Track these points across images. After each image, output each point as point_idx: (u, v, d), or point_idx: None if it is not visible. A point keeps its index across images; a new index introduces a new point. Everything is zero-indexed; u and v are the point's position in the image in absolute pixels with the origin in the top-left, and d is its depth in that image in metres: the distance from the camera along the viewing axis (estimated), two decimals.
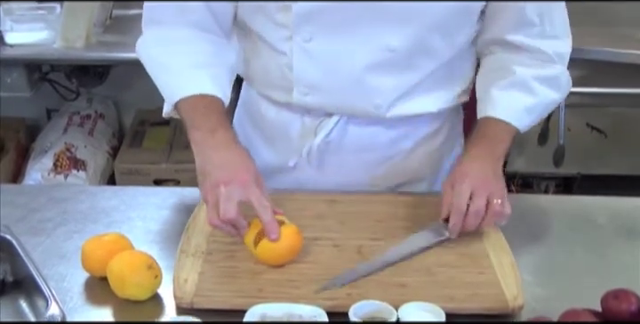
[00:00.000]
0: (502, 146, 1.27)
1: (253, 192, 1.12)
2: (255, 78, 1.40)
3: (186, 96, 1.24)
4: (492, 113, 1.29)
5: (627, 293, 0.99)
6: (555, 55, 1.32)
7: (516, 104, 1.29)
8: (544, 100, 1.32)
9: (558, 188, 2.76)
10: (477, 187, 1.18)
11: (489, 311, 1.06)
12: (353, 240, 1.21)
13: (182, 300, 1.06)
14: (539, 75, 1.31)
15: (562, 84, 1.34)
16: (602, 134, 2.60)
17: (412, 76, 1.30)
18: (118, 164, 2.68)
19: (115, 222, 1.31)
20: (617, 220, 1.37)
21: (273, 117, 1.41)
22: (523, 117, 1.30)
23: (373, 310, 1.03)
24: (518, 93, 1.30)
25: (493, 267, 1.15)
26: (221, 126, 1.21)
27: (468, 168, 1.22)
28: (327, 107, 1.34)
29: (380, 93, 1.30)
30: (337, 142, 1.38)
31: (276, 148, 1.44)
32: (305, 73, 1.30)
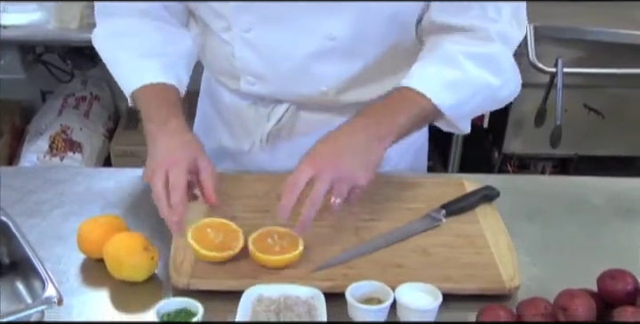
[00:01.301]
0: (392, 126, 1.12)
1: (174, 172, 1.08)
2: (208, 64, 1.40)
3: (137, 87, 1.23)
4: (404, 82, 1.16)
5: (623, 273, 1.00)
6: (495, 34, 1.19)
7: (434, 76, 1.16)
8: (472, 79, 1.18)
9: (555, 169, 2.76)
10: (322, 171, 1.06)
11: (485, 291, 1.07)
12: (349, 222, 1.21)
13: (178, 281, 1.06)
14: (469, 51, 1.18)
15: (500, 65, 1.21)
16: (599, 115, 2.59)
17: (356, 62, 1.28)
18: (114, 146, 2.68)
19: (111, 204, 1.31)
20: (613, 200, 1.38)
21: (228, 103, 1.42)
22: (441, 90, 1.15)
23: (370, 290, 1.03)
24: (443, 66, 1.17)
25: (490, 247, 1.15)
26: (173, 117, 1.19)
27: (329, 145, 1.10)
28: (274, 95, 1.33)
29: (326, 80, 1.28)
30: (289, 129, 1.38)
31: (233, 132, 1.45)
32: (248, 63, 1.29)
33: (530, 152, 2.67)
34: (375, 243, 1.15)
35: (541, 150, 2.62)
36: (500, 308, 0.97)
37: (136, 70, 1.27)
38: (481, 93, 1.20)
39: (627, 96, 2.58)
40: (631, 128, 2.62)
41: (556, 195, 1.40)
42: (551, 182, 1.55)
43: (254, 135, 1.40)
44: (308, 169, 1.06)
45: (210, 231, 1.11)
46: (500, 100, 1.27)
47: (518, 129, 2.59)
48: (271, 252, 1.08)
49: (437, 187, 1.32)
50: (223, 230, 1.13)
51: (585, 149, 2.67)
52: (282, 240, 1.10)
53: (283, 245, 1.09)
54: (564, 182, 1.51)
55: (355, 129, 1.12)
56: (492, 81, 1.19)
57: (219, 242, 1.10)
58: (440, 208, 1.23)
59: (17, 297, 1.05)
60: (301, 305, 1.00)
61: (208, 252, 1.08)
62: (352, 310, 1.01)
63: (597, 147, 2.66)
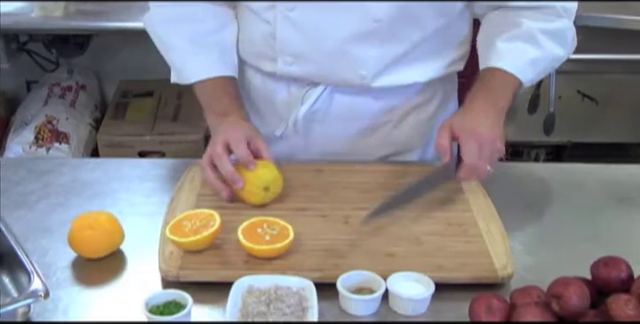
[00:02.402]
0: (505, 97, 1.26)
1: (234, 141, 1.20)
2: (242, 47, 1.40)
3: (197, 80, 1.32)
4: (495, 64, 1.27)
5: (617, 260, 1.00)
6: (562, 9, 1.30)
7: (520, 56, 1.27)
8: (549, 54, 1.30)
9: (549, 156, 2.77)
10: (483, 147, 1.18)
11: (478, 280, 1.07)
12: (339, 211, 1.21)
13: (168, 273, 1.06)
14: (545, 28, 1.29)
15: (567, 39, 1.32)
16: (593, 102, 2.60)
17: (397, 46, 1.29)
18: (101, 136, 2.67)
19: (98, 195, 1.30)
20: (607, 187, 1.38)
21: (259, 86, 1.41)
22: (527, 69, 1.28)
23: (361, 280, 1.03)
24: (524, 45, 1.28)
25: (482, 236, 1.15)
26: (233, 109, 1.30)
27: (477, 124, 1.21)
28: (312, 77, 1.34)
29: (365, 63, 1.29)
30: (323, 111, 1.37)
31: (264, 117, 1.44)
32: (288, 42, 1.29)
33: (523, 139, 2.67)
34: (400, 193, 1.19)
35: (535, 138, 2.63)
36: (492, 296, 0.97)
37: (194, 61, 1.34)
38: (552, 64, 1.34)
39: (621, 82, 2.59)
40: (625, 114, 2.63)
41: (550, 182, 1.40)
42: (544, 169, 1.55)
43: (287, 120, 1.40)
44: (475, 146, 1.18)
45: (186, 223, 1.11)
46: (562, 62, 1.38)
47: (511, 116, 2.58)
48: (261, 242, 1.08)
49: None
50: (198, 218, 1.13)
51: (579, 135, 2.68)
52: (272, 230, 1.10)
53: (273, 234, 1.09)
54: (557, 170, 1.51)
55: (485, 109, 1.23)
56: (560, 54, 1.32)
57: (195, 228, 1.10)
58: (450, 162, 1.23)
59: (2, 291, 1.05)
60: (292, 296, 1.00)
61: (186, 238, 1.08)
62: (343, 300, 1.01)
63: (591, 133, 2.67)
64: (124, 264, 1.12)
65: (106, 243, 1.12)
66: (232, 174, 1.19)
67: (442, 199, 1.25)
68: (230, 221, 1.13)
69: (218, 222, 1.11)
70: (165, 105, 2.82)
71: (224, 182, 1.21)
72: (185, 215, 1.14)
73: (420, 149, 1.46)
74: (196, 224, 1.11)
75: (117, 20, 2.35)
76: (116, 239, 1.13)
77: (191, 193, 1.25)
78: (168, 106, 2.81)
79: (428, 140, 1.46)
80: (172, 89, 2.88)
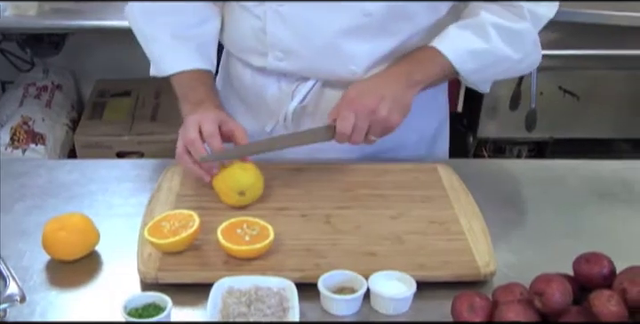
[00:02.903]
0: (424, 72, 1.26)
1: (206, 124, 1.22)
2: (231, 42, 1.41)
3: (174, 72, 1.34)
4: (434, 43, 1.27)
5: (599, 256, 1.01)
6: (528, 12, 1.28)
7: (462, 42, 1.27)
8: (496, 51, 1.28)
9: (531, 152, 2.78)
10: (360, 118, 1.21)
11: (460, 278, 1.07)
12: (320, 210, 1.21)
13: (146, 275, 1.06)
14: (500, 24, 1.27)
15: (524, 43, 1.30)
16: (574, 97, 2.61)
17: (388, 41, 1.29)
18: (78, 137, 2.64)
19: (75, 197, 1.29)
20: (589, 183, 1.39)
21: (249, 82, 1.42)
22: (465, 57, 1.27)
23: (343, 280, 1.03)
24: (470, 34, 1.27)
25: (464, 234, 1.15)
26: (207, 98, 1.31)
27: (361, 92, 1.23)
28: (302, 72, 1.34)
29: (356, 58, 1.30)
30: (313, 107, 1.38)
31: (254, 113, 1.44)
32: (279, 37, 1.30)
33: (505, 136, 2.68)
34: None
35: (517, 134, 2.63)
36: (475, 294, 0.97)
37: (172, 53, 1.35)
38: (500, 63, 1.31)
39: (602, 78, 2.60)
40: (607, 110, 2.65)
41: (532, 179, 1.41)
42: (527, 165, 1.56)
43: (277, 115, 1.40)
44: (351, 116, 1.21)
45: (165, 224, 1.11)
46: (519, 70, 1.39)
47: (493, 113, 2.60)
48: (241, 242, 1.08)
49: (409, 173, 1.32)
50: (177, 218, 1.12)
51: (561, 131, 2.69)
52: (252, 230, 1.10)
53: (253, 235, 1.09)
54: (539, 166, 1.52)
55: (391, 75, 1.26)
56: (512, 55, 1.29)
57: (174, 229, 1.09)
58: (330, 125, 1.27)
59: None
60: (273, 297, 1.00)
61: (165, 240, 1.08)
62: (325, 300, 1.02)
63: (573, 129, 2.68)
64: (103, 267, 1.12)
65: (80, 244, 1.11)
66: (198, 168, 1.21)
67: (423, 197, 1.25)
68: (210, 221, 1.13)
69: (197, 223, 1.10)
70: (143, 104, 2.80)
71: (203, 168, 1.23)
72: (163, 216, 1.13)
73: (412, 145, 1.46)
74: (175, 225, 1.10)
75: (93, 19, 2.33)
76: (91, 240, 1.13)
77: (170, 193, 1.25)
78: (146, 105, 2.80)
79: (417, 137, 1.46)
80: (149, 88, 2.87)
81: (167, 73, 1.35)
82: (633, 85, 2.62)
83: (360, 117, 1.21)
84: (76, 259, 1.11)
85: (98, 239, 1.14)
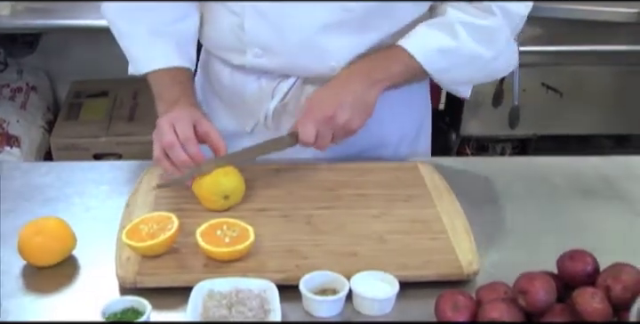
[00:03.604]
0: (387, 71, 1.26)
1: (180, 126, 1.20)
2: (209, 40, 1.40)
3: (151, 70, 1.32)
4: (400, 42, 1.27)
5: (582, 253, 1.01)
6: (497, 7, 1.26)
7: (429, 40, 1.27)
8: (465, 49, 1.27)
9: (515, 150, 2.79)
10: (322, 127, 1.23)
11: (444, 277, 1.07)
12: (301, 210, 1.21)
13: (125, 279, 1.05)
14: (468, 22, 1.27)
15: (495, 39, 1.29)
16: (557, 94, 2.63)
17: (369, 37, 1.29)
18: (54, 139, 2.63)
19: (51, 200, 1.29)
20: (573, 180, 1.40)
21: (229, 80, 1.41)
22: (433, 56, 1.26)
23: (324, 281, 1.03)
24: (438, 33, 1.27)
25: (447, 232, 1.16)
26: (183, 96, 1.29)
27: (320, 99, 1.25)
28: (281, 69, 1.34)
29: (336, 54, 1.29)
30: (294, 105, 1.37)
31: (234, 112, 1.44)
32: (257, 34, 1.29)
33: (488, 134, 2.69)
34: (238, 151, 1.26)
35: (500, 132, 2.65)
36: (458, 293, 0.98)
37: (150, 51, 1.34)
38: (472, 62, 1.30)
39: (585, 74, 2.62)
40: (590, 106, 2.67)
41: (515, 176, 1.42)
42: (510, 163, 1.57)
43: (258, 114, 1.40)
44: (312, 127, 1.22)
45: (143, 227, 1.11)
46: (495, 71, 1.38)
47: (475, 110, 2.61)
48: (221, 244, 1.07)
49: (391, 172, 1.33)
50: (155, 221, 1.12)
51: (544, 128, 2.70)
52: (232, 232, 1.10)
53: (233, 236, 1.09)
54: (522, 163, 1.53)
55: (350, 76, 1.26)
56: (483, 53, 1.28)
57: (153, 232, 1.09)
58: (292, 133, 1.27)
59: None
60: (254, 299, 1.00)
61: (144, 243, 1.07)
62: (307, 302, 1.02)
63: (557, 126, 2.70)
64: (80, 272, 1.11)
65: (57, 249, 1.11)
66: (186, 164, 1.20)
67: (405, 196, 1.26)
68: (189, 223, 1.13)
69: (176, 225, 1.10)
70: (121, 105, 2.79)
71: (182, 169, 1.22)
72: (142, 219, 1.13)
73: (393, 144, 1.46)
74: (154, 228, 1.10)
75: (68, 18, 2.32)
76: (68, 245, 1.12)
77: (148, 196, 1.25)
78: (124, 106, 2.79)
79: (400, 135, 1.46)
80: (127, 88, 2.86)
81: (144, 71, 1.34)
82: (616, 81, 2.64)
83: (321, 125, 1.23)
84: (52, 264, 1.11)
85: (75, 244, 1.13)
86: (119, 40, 1.37)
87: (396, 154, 1.46)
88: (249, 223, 1.12)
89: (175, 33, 1.35)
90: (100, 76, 2.86)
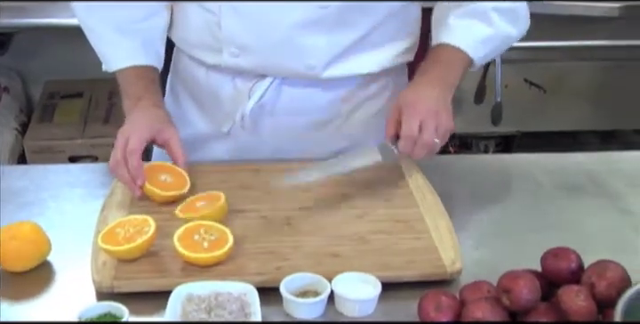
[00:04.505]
0: (455, 73, 1.30)
1: (132, 139, 1.22)
2: (182, 39, 1.40)
3: (118, 68, 1.34)
4: (447, 40, 1.31)
5: (566, 251, 1.02)
6: None
7: (472, 33, 1.31)
8: (501, 33, 1.33)
9: (498, 147, 2.81)
10: (426, 117, 1.21)
11: (427, 277, 1.08)
12: (281, 211, 1.21)
13: (101, 284, 1.05)
14: (497, 6, 1.32)
15: (520, 17, 1.35)
16: (540, 90, 2.64)
17: (346, 34, 1.30)
18: (28, 141, 2.61)
19: (25, 205, 1.28)
20: (557, 176, 1.41)
21: (203, 81, 1.41)
22: (478, 47, 1.31)
23: (306, 283, 1.03)
24: (476, 23, 1.31)
25: (429, 232, 1.16)
26: (147, 93, 1.31)
27: (420, 95, 1.25)
28: (258, 68, 1.33)
29: (313, 52, 1.30)
30: (271, 105, 1.37)
31: (209, 113, 1.44)
32: (234, 32, 1.29)
33: (471, 131, 2.70)
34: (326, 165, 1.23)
35: (483, 129, 2.66)
36: (441, 294, 0.98)
37: (116, 48, 1.35)
38: (504, 43, 1.37)
39: (567, 69, 2.63)
40: (573, 102, 2.68)
41: (499, 174, 1.42)
42: (493, 160, 1.57)
43: (234, 115, 1.39)
44: (416, 118, 1.21)
45: (119, 230, 1.10)
46: (511, 44, 1.42)
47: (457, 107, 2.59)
48: (199, 249, 1.07)
49: (372, 170, 1.32)
50: (132, 224, 1.11)
51: (528, 125, 2.72)
52: (209, 235, 1.09)
53: (211, 240, 1.08)
54: (505, 161, 1.54)
55: (431, 81, 1.28)
56: (512, 33, 1.35)
57: (129, 236, 1.09)
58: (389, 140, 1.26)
59: None
60: (234, 302, 1.00)
61: (120, 247, 1.07)
62: (287, 304, 1.02)
63: (540, 122, 2.72)
64: (55, 277, 1.10)
65: (32, 254, 1.10)
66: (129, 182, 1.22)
67: (387, 196, 1.26)
68: (166, 226, 1.13)
69: (153, 228, 1.09)
70: (96, 106, 2.78)
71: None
72: (118, 222, 1.12)
73: (373, 143, 1.46)
74: (130, 231, 1.09)
75: (41, 17, 2.31)
76: (43, 250, 1.11)
77: (124, 198, 1.24)
78: (99, 107, 2.77)
79: (381, 134, 1.46)
80: (102, 89, 2.85)
81: (112, 69, 1.36)
82: (599, 76, 2.66)
83: (426, 118, 1.22)
84: (27, 269, 1.10)
85: (50, 249, 1.12)
86: (89, 38, 1.38)
87: None
88: (227, 225, 1.12)
89: (142, 31, 1.35)
90: (74, 76, 2.84)
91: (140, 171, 1.21)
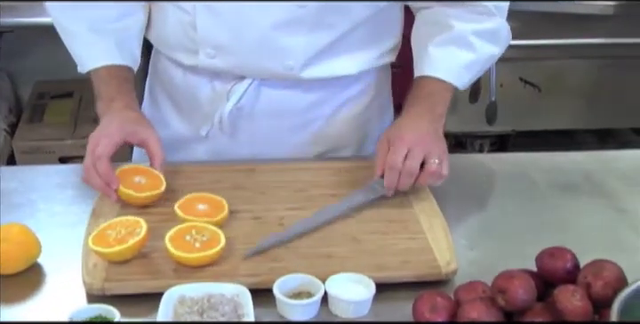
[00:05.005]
0: (442, 104, 1.30)
1: (101, 144, 1.21)
2: (159, 40, 1.39)
3: (92, 68, 1.33)
4: (429, 72, 1.31)
5: (562, 250, 1.02)
6: (494, 8, 1.32)
7: (454, 62, 1.31)
8: (483, 55, 1.34)
9: (493, 146, 2.81)
10: (414, 146, 1.20)
11: (421, 278, 1.08)
12: (274, 212, 1.21)
13: (92, 286, 1.05)
14: (478, 29, 1.32)
15: (502, 37, 1.35)
16: (535, 89, 2.64)
17: (325, 34, 1.29)
18: (17, 142, 2.61)
19: (14, 206, 1.27)
20: (553, 176, 1.41)
21: (181, 82, 1.40)
22: (462, 74, 1.32)
23: (299, 284, 1.04)
24: (457, 50, 1.31)
25: (424, 232, 1.16)
26: (119, 93, 1.30)
27: (406, 127, 1.25)
28: (236, 69, 1.33)
29: (291, 53, 1.29)
30: (250, 108, 1.37)
31: (187, 116, 1.43)
32: (210, 32, 1.29)
33: (465, 130, 2.70)
34: (315, 219, 1.18)
35: (477, 128, 2.66)
36: (437, 294, 0.98)
37: (90, 48, 1.34)
38: (487, 64, 1.38)
39: (563, 68, 2.64)
40: (569, 101, 2.69)
41: (494, 173, 1.43)
42: (488, 160, 1.58)
43: (212, 118, 1.39)
44: (403, 148, 1.20)
45: (110, 232, 1.10)
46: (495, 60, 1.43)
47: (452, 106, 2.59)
48: (191, 250, 1.07)
49: (365, 171, 1.32)
50: (123, 225, 1.11)
51: (523, 124, 2.72)
52: (201, 236, 1.09)
53: (203, 241, 1.08)
54: (500, 160, 1.54)
55: (420, 113, 1.28)
56: (496, 52, 1.36)
57: (120, 237, 1.08)
58: (379, 178, 1.24)
59: None
60: (226, 304, 1.00)
61: (111, 248, 1.07)
62: (281, 305, 1.02)
63: (535, 121, 2.72)
64: (46, 279, 1.10)
65: (21, 257, 1.10)
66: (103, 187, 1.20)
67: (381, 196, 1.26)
68: (158, 227, 1.12)
69: (144, 230, 1.09)
70: (87, 106, 2.77)
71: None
72: (109, 224, 1.12)
73: (354, 145, 1.47)
74: (121, 233, 1.09)
75: (29, 16, 2.30)
76: (32, 252, 1.11)
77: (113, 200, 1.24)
78: (89, 107, 2.76)
79: (362, 136, 1.47)
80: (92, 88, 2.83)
81: (85, 69, 1.34)
82: (595, 74, 2.66)
83: (414, 150, 1.20)
84: (17, 272, 1.10)
85: (40, 251, 1.12)
86: (63, 38, 1.37)
87: (357, 154, 1.46)
88: (219, 226, 1.12)
89: (117, 31, 1.34)
90: (64, 76, 2.82)
91: (112, 175, 1.19)
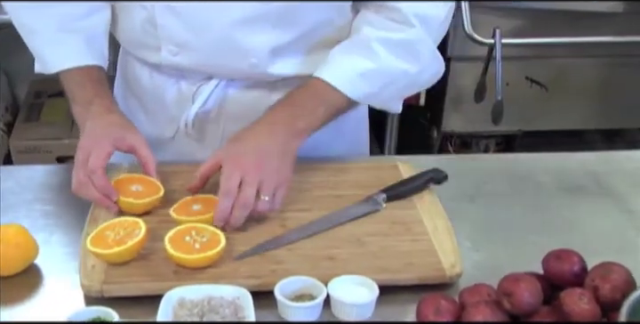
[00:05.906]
0: (309, 119, 1.23)
1: (93, 156, 1.18)
2: (124, 37, 1.38)
3: (61, 69, 1.30)
4: (319, 74, 1.25)
5: (569, 253, 1.02)
6: (414, 16, 1.23)
7: (349, 68, 1.24)
8: (388, 68, 1.25)
9: (499, 146, 2.81)
10: (247, 172, 1.14)
11: (425, 280, 1.08)
12: (275, 212, 1.20)
13: (90, 288, 1.05)
14: (384, 37, 1.24)
15: (418, 53, 1.26)
16: (542, 88, 2.65)
17: (289, 32, 1.27)
18: (14, 141, 2.62)
19: (11, 207, 1.28)
20: (560, 177, 1.41)
21: (148, 82, 1.40)
22: (355, 83, 1.24)
23: (301, 286, 1.04)
24: (356, 57, 1.25)
25: (428, 234, 1.16)
26: (97, 96, 1.28)
27: (247, 145, 1.18)
28: (200, 67, 1.32)
29: (255, 50, 1.27)
30: (216, 111, 1.36)
31: (154, 117, 1.43)
32: (170, 30, 1.27)
33: (471, 130, 2.71)
34: (308, 229, 1.16)
35: (483, 128, 2.66)
36: (440, 297, 0.98)
37: (58, 48, 1.31)
38: (398, 81, 1.28)
39: (570, 66, 2.64)
40: (576, 100, 2.69)
41: (500, 174, 1.43)
42: (493, 160, 1.58)
43: (178, 120, 1.38)
44: (236, 174, 1.14)
45: (109, 233, 1.10)
46: (420, 84, 1.35)
47: (457, 106, 2.63)
48: (191, 251, 1.07)
49: (369, 171, 1.33)
50: (122, 226, 1.12)
51: (529, 124, 2.72)
52: (201, 237, 1.09)
53: (203, 242, 1.08)
54: (506, 160, 1.54)
55: (274, 126, 1.21)
56: (408, 69, 1.26)
57: (119, 239, 1.09)
58: (380, 192, 1.24)
59: None
60: (227, 306, 1.00)
61: (109, 250, 1.07)
62: (282, 308, 1.02)
63: (542, 121, 2.72)
64: (43, 282, 1.10)
65: (18, 258, 1.10)
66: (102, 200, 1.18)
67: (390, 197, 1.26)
68: (157, 228, 1.13)
69: (143, 231, 1.10)
70: None
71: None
72: (107, 225, 1.12)
73: (324, 147, 1.41)
74: (120, 234, 1.10)
75: None
76: (30, 253, 1.12)
77: None
78: None
79: (332, 136, 1.41)
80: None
81: (53, 71, 1.31)
82: (603, 73, 2.66)
83: (247, 173, 1.14)
84: (13, 274, 1.10)
85: (36, 252, 1.13)
86: (24, 37, 1.34)
87: (326, 157, 1.42)
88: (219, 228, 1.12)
89: (85, 28, 1.32)
90: None
91: (110, 188, 1.17)
